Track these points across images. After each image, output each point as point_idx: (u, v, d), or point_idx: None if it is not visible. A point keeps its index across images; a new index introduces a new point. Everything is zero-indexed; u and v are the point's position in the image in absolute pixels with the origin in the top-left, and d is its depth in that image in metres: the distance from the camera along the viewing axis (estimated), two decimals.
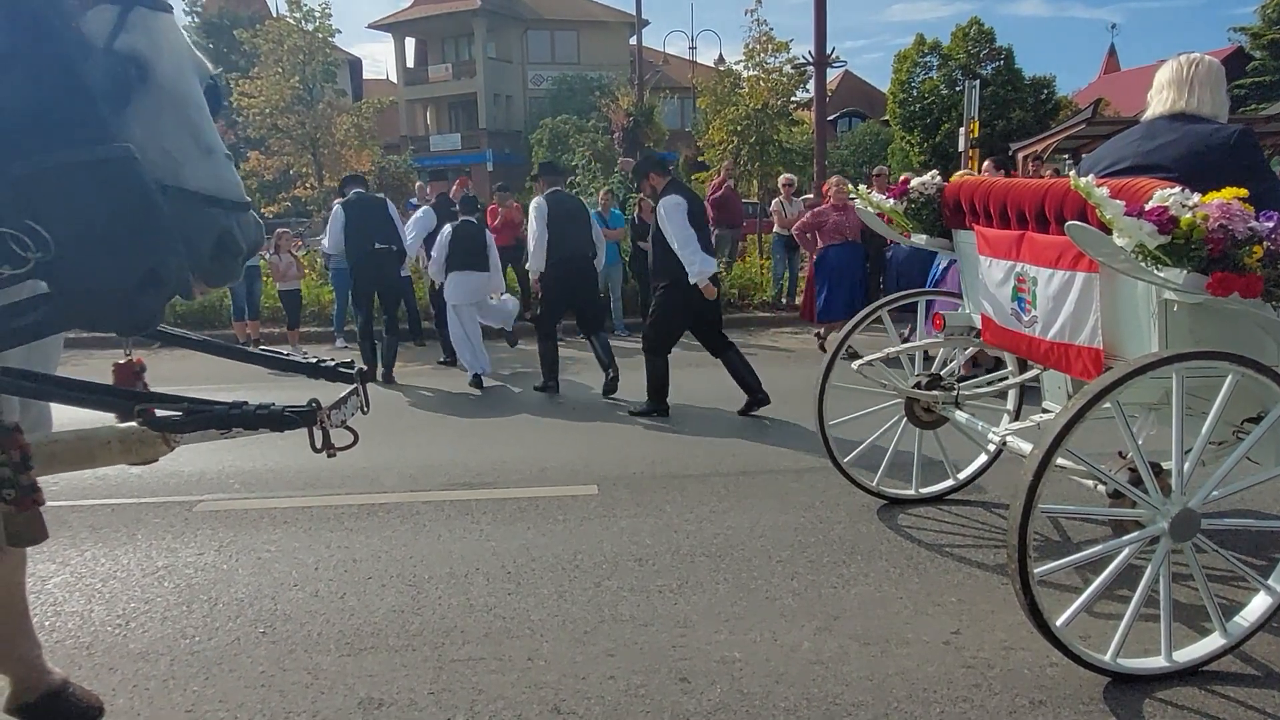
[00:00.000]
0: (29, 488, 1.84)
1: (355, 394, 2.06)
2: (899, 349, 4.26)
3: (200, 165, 1.88)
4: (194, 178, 1.88)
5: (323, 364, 2.27)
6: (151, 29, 1.84)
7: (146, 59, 1.81)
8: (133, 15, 1.79)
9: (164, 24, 1.89)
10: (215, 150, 1.93)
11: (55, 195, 1.57)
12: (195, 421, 1.79)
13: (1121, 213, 2.56)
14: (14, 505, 1.84)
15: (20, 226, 1.54)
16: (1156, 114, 3.08)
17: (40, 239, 1.54)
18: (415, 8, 41.33)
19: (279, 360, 2.31)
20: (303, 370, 2.27)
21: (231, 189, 1.94)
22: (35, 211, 1.55)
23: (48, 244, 1.55)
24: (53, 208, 1.56)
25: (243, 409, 1.81)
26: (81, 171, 1.58)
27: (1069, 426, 2.62)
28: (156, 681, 2.99)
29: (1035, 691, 2.80)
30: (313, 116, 15.63)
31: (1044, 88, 27.65)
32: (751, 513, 4.47)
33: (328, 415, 1.86)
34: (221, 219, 1.89)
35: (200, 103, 1.94)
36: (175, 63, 1.89)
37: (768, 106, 14.17)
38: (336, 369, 2.23)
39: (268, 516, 4.57)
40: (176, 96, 1.87)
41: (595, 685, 2.90)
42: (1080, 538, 4.02)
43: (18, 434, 1.81)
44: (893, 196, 4.07)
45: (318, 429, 1.86)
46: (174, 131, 1.87)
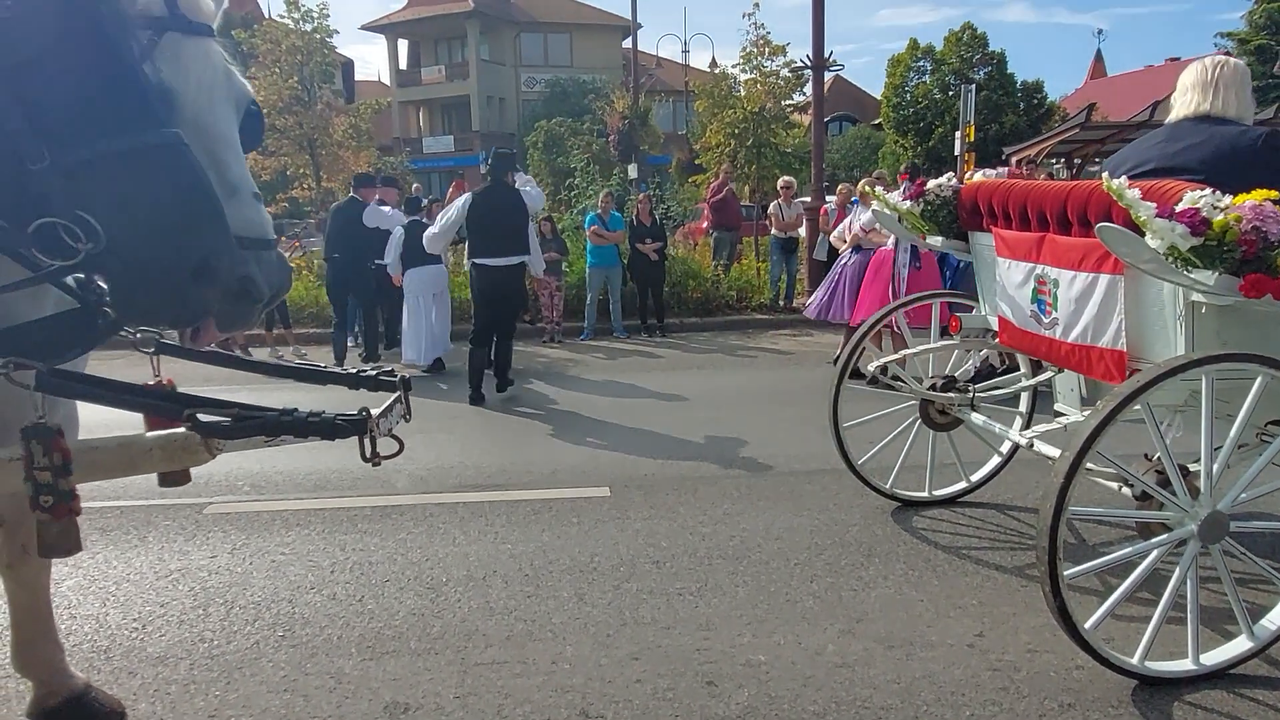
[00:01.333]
0: (67, 494, 1.81)
1: (399, 402, 2.04)
2: (914, 351, 4.27)
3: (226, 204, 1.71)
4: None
5: (363, 374, 2.24)
6: (182, 56, 1.74)
7: (170, 89, 1.70)
8: (165, 40, 1.70)
9: (198, 50, 1.78)
10: (241, 190, 1.80)
11: (105, 184, 1.54)
12: (244, 428, 1.76)
13: (1154, 214, 2.56)
14: (50, 513, 1.80)
15: (71, 216, 1.51)
16: (1181, 116, 3.09)
17: (90, 229, 1.52)
18: (408, 9, 41.27)
19: (319, 373, 2.27)
20: (344, 381, 2.24)
21: (255, 228, 1.80)
22: (85, 201, 1.52)
23: (98, 234, 1.52)
24: (103, 197, 1.53)
25: (294, 416, 1.78)
26: (131, 159, 1.54)
27: (1100, 429, 2.63)
28: (177, 686, 2.96)
29: (1063, 695, 2.80)
30: (310, 117, 15.56)
31: (1036, 92, 27.82)
32: (765, 515, 4.46)
33: (376, 424, 1.83)
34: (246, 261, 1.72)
35: (229, 138, 1.82)
36: (205, 94, 1.78)
37: (765, 110, 14.18)
38: (378, 379, 2.20)
39: (279, 519, 4.54)
40: (201, 130, 1.75)
41: (622, 689, 2.88)
42: (1096, 539, 4.04)
43: (60, 438, 1.79)
44: (909, 199, 4.07)
45: (367, 438, 1.83)
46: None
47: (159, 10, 1.73)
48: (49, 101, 1.52)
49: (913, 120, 27.28)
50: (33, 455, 1.76)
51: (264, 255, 1.79)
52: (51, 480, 1.78)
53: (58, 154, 1.52)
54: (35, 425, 1.77)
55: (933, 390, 4.19)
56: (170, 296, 1.59)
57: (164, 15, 1.73)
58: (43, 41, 1.50)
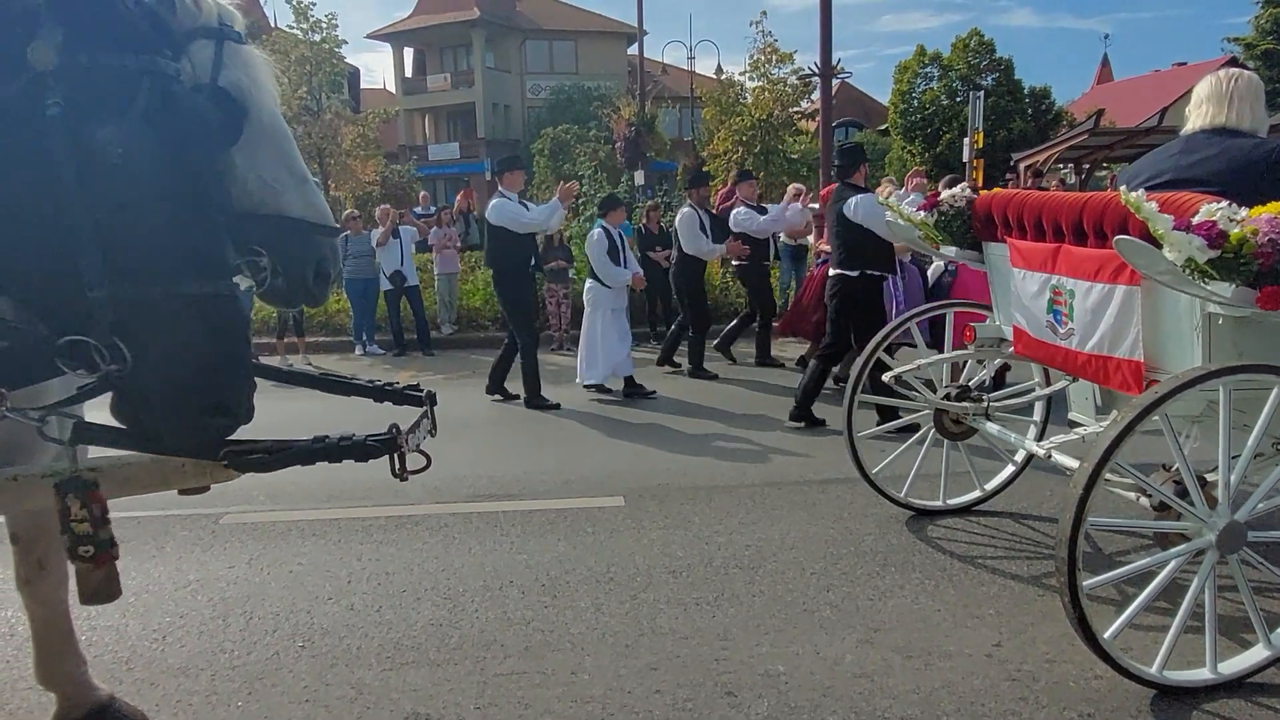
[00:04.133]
0: (107, 542, 1.83)
1: (426, 417, 2.06)
2: (929, 361, 4.28)
3: (297, 193, 1.92)
4: (292, 205, 1.91)
5: (389, 387, 2.26)
6: (246, 63, 1.87)
7: (247, 92, 1.83)
8: (226, 50, 1.81)
9: (253, 57, 1.92)
10: (308, 179, 1.97)
11: (153, 321, 1.61)
12: (280, 460, 1.79)
13: (1171, 227, 2.58)
14: (91, 562, 1.82)
15: (106, 340, 1.57)
16: (1196, 128, 3.10)
17: (119, 355, 1.58)
18: (413, 18, 41.45)
19: (344, 384, 2.30)
20: (369, 394, 2.26)
21: (326, 215, 1.98)
22: (125, 329, 1.59)
23: (125, 362, 1.59)
24: (144, 330, 1.60)
25: (325, 443, 1.81)
26: (186, 304, 1.62)
27: (1119, 440, 2.64)
28: (199, 697, 2.98)
29: (1082, 704, 2.81)
30: (319, 126, 15.68)
31: (1044, 98, 27.81)
32: (780, 524, 4.47)
33: (405, 440, 1.86)
34: (323, 246, 1.94)
35: (289, 134, 1.99)
36: (269, 94, 1.93)
37: (772, 117, 14.23)
38: (404, 392, 2.23)
39: (295, 529, 4.56)
40: (272, 127, 1.91)
41: (641, 699, 2.89)
42: (1112, 549, 4.04)
43: (97, 489, 1.81)
44: (923, 209, 4.09)
45: (397, 455, 1.85)
46: (271, 161, 1.89)
47: (215, 23, 1.84)
48: (129, 240, 1.58)
49: (920, 126, 27.26)
50: (69, 508, 1.77)
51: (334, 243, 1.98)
52: (91, 530, 1.79)
53: (118, 287, 1.58)
54: (72, 478, 1.79)
55: (946, 400, 4.20)
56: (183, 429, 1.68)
57: (219, 27, 1.85)
58: (139, 188, 1.57)
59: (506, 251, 7.48)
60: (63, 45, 1.52)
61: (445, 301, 11.87)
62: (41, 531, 2.59)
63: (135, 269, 1.58)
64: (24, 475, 1.90)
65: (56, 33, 1.52)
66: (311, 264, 1.94)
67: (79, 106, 1.53)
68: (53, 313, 1.64)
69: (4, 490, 1.91)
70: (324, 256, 1.93)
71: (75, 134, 1.52)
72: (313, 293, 1.96)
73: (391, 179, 21.61)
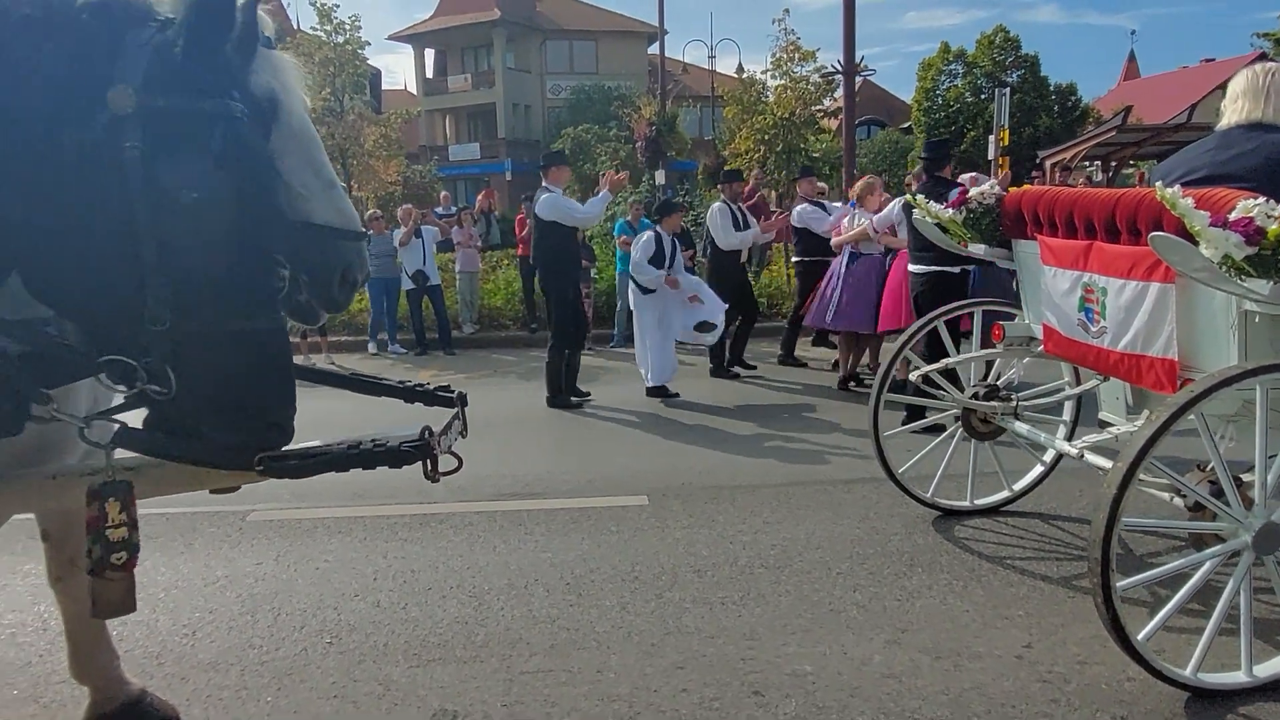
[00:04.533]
0: (136, 546, 1.82)
1: (457, 418, 2.06)
2: (955, 360, 4.24)
3: (324, 199, 1.91)
4: (320, 212, 1.90)
5: (420, 388, 2.27)
6: (276, 67, 1.87)
7: (277, 97, 1.83)
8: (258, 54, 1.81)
9: (282, 62, 1.92)
10: (335, 184, 1.97)
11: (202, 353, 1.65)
12: (313, 466, 1.79)
13: (1207, 223, 2.54)
14: (124, 569, 1.81)
15: (156, 368, 1.62)
16: (1232, 123, 3.05)
17: (164, 380, 1.62)
18: (434, 19, 41.67)
19: (375, 385, 2.31)
20: (400, 395, 2.27)
21: (353, 220, 1.98)
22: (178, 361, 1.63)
23: (169, 386, 1.62)
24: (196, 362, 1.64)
25: (360, 449, 1.81)
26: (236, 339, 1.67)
27: (1154, 439, 2.60)
28: (229, 692, 3.01)
29: (1115, 707, 2.77)
30: (342, 127, 15.79)
31: (1070, 95, 27.50)
32: (805, 524, 4.45)
33: (438, 443, 1.86)
34: (349, 252, 1.94)
35: (318, 139, 1.98)
36: (298, 100, 1.93)
37: (794, 115, 14.17)
38: (435, 393, 2.24)
39: (321, 526, 4.60)
40: (300, 133, 1.90)
41: (668, 698, 2.89)
42: (1143, 550, 3.98)
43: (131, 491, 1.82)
44: (951, 206, 4.05)
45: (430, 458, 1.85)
46: (300, 167, 1.89)
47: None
48: (193, 278, 1.62)
49: (944, 124, 27.03)
50: (107, 514, 1.76)
51: (361, 247, 1.99)
52: (128, 535, 1.79)
53: (179, 322, 1.62)
54: (111, 483, 1.78)
55: (974, 399, 4.16)
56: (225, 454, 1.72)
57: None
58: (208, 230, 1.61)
59: (556, 247, 7.45)
60: (141, 89, 1.56)
61: (467, 301, 11.92)
62: (72, 529, 2.62)
63: (195, 306, 1.63)
64: (63, 474, 1.92)
65: (136, 77, 1.56)
66: (338, 270, 1.93)
67: (156, 149, 1.58)
68: (106, 338, 1.67)
69: (43, 489, 1.94)
70: (351, 262, 1.93)
71: (151, 175, 1.57)
72: (336, 300, 1.95)
73: (413, 179, 21.74)
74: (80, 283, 1.65)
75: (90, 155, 1.58)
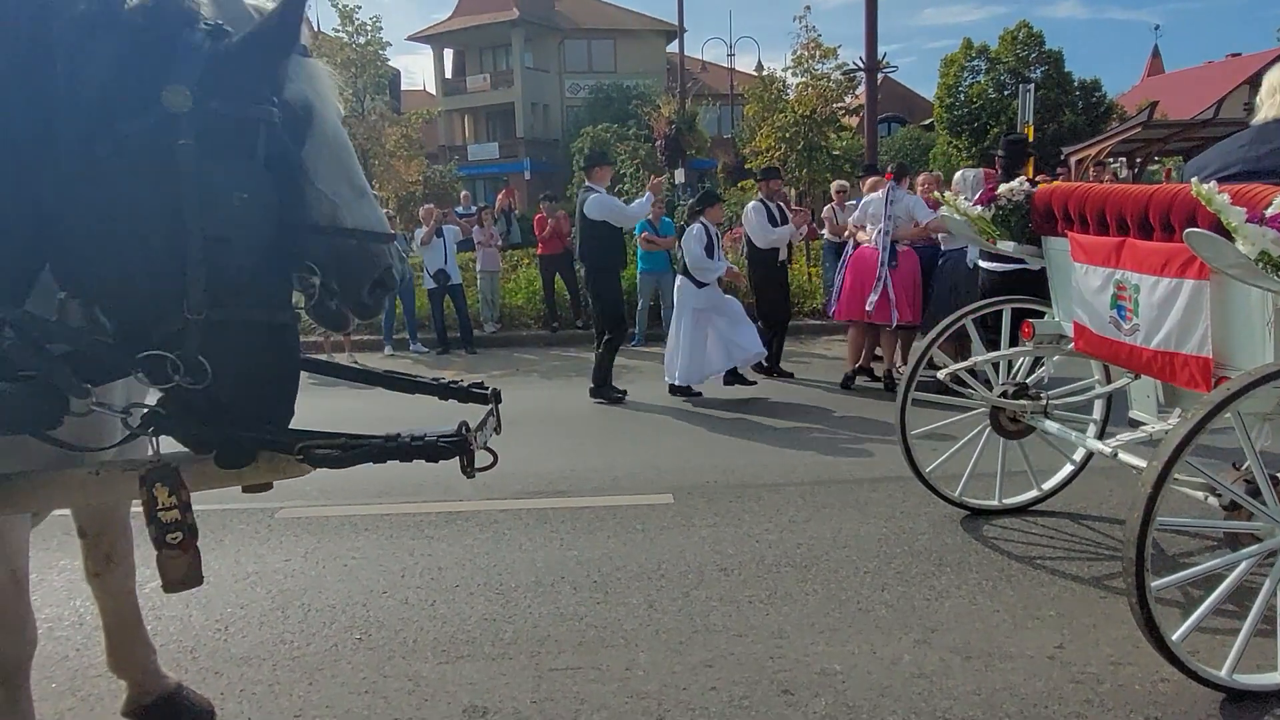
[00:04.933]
0: (192, 527, 1.89)
1: (492, 414, 2.08)
2: (985, 358, 4.21)
3: (356, 207, 1.93)
4: (350, 218, 1.91)
5: (454, 385, 2.28)
6: (311, 76, 1.89)
7: (312, 105, 1.86)
8: (292, 62, 1.83)
9: (317, 70, 1.94)
10: (366, 192, 1.99)
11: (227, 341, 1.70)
12: (353, 457, 1.82)
13: (1244, 219, 2.50)
14: (180, 548, 1.88)
15: (191, 359, 1.67)
16: (1269, 118, 3.01)
17: (200, 371, 1.68)
18: (453, 19, 41.82)
19: (409, 382, 2.32)
20: (435, 392, 2.29)
21: (383, 224, 2.01)
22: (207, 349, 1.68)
23: (206, 376, 1.68)
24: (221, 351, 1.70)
25: (398, 441, 1.83)
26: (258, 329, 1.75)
27: (1190, 438, 2.57)
28: (262, 686, 3.04)
29: (1149, 708, 2.74)
30: (364, 128, 15.91)
31: (1094, 91, 27.18)
32: (832, 522, 4.43)
33: (474, 439, 1.87)
34: (380, 255, 1.95)
35: (351, 147, 2.01)
36: (333, 109, 1.96)
37: (815, 113, 14.10)
38: (469, 390, 2.25)
39: (349, 524, 4.63)
40: (334, 141, 1.92)
41: (697, 696, 2.89)
42: (1175, 550, 3.94)
43: (179, 474, 1.86)
44: (980, 203, 4.02)
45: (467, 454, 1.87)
46: (332, 175, 1.90)
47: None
48: (228, 270, 1.69)
49: (967, 121, 26.78)
50: (156, 498, 1.83)
51: (393, 248, 2.02)
52: (180, 516, 1.86)
53: (213, 310, 1.68)
54: (158, 468, 1.85)
55: (1004, 397, 4.13)
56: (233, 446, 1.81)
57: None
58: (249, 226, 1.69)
59: (602, 245, 7.63)
60: (196, 90, 1.61)
61: (488, 300, 11.96)
62: (108, 525, 2.66)
63: (227, 295, 1.69)
64: (105, 468, 1.95)
65: (192, 78, 1.62)
66: (369, 275, 1.94)
67: (206, 149, 1.63)
68: (140, 329, 1.72)
69: (85, 484, 1.97)
70: (383, 266, 1.96)
71: (203, 173, 1.62)
72: (367, 304, 1.97)
73: (434, 179, 21.84)
74: (118, 273, 1.69)
75: (140, 150, 1.62)
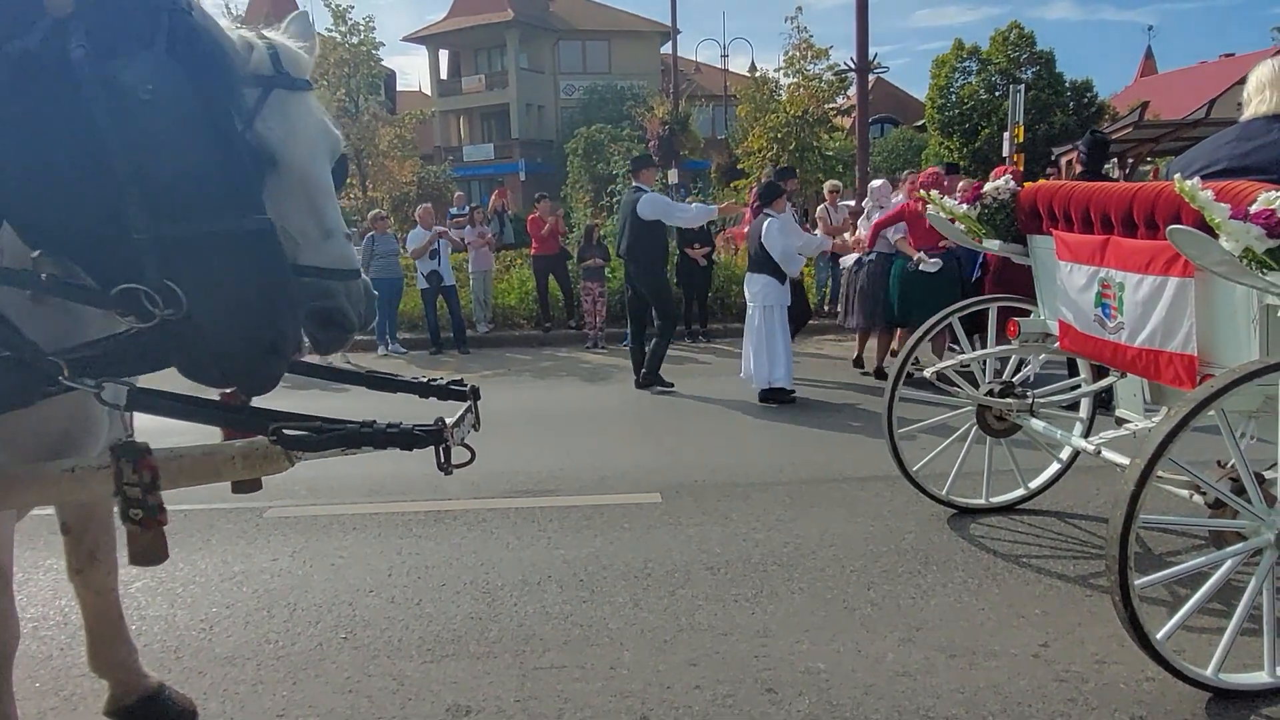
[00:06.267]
0: (155, 508, 1.86)
1: (470, 411, 2.07)
2: (971, 356, 4.21)
3: (318, 248, 1.88)
4: (309, 259, 1.87)
5: (434, 383, 2.27)
6: (289, 112, 1.84)
7: (279, 143, 1.81)
8: (271, 98, 1.80)
9: (302, 106, 1.89)
10: (335, 233, 1.92)
11: (197, 260, 1.59)
12: (327, 441, 1.80)
13: (1228, 216, 2.51)
14: (140, 525, 1.85)
15: (157, 285, 1.56)
16: (1256, 115, 3.01)
17: (174, 298, 1.57)
18: (448, 20, 41.78)
19: (390, 381, 2.31)
20: (414, 390, 2.27)
21: (346, 261, 1.94)
22: (174, 273, 1.57)
23: (180, 304, 1.57)
24: (191, 272, 1.58)
25: (374, 428, 1.82)
26: (227, 241, 1.60)
27: (1173, 435, 2.57)
28: (245, 686, 3.03)
29: (1134, 707, 2.74)
30: (357, 128, 15.89)
31: (1085, 91, 27.24)
32: (819, 521, 4.43)
33: (451, 433, 1.86)
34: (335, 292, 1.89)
35: (327, 186, 1.93)
36: (308, 146, 1.89)
37: (807, 113, 14.12)
38: (448, 388, 2.24)
39: (337, 523, 4.62)
40: (304, 180, 1.87)
41: (681, 695, 2.88)
42: (1162, 549, 3.94)
43: (148, 455, 1.83)
44: (966, 202, 4.02)
45: (442, 447, 1.86)
46: (297, 214, 1.86)
47: (267, 70, 1.83)
48: (164, 178, 1.56)
49: (958, 121, 26.82)
50: (122, 472, 1.80)
51: (352, 286, 1.92)
52: (141, 495, 1.82)
53: (161, 227, 1.56)
54: (125, 443, 1.83)
55: (990, 396, 4.13)
56: (238, 371, 1.68)
57: (272, 74, 1.84)
58: (170, 124, 1.54)
59: (650, 244, 7.94)
60: None
61: (480, 300, 11.95)
62: (91, 522, 2.64)
63: (175, 208, 1.56)
64: (81, 467, 1.94)
65: None
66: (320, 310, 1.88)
67: (102, 46, 1.50)
68: (100, 263, 1.62)
69: (61, 482, 1.95)
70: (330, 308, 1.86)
71: (102, 75, 1.49)
72: (316, 338, 1.89)
73: (428, 180, 21.80)
74: (56, 207, 1.59)
75: (37, 66, 1.51)
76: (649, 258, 7.95)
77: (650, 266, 7.98)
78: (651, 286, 8.02)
